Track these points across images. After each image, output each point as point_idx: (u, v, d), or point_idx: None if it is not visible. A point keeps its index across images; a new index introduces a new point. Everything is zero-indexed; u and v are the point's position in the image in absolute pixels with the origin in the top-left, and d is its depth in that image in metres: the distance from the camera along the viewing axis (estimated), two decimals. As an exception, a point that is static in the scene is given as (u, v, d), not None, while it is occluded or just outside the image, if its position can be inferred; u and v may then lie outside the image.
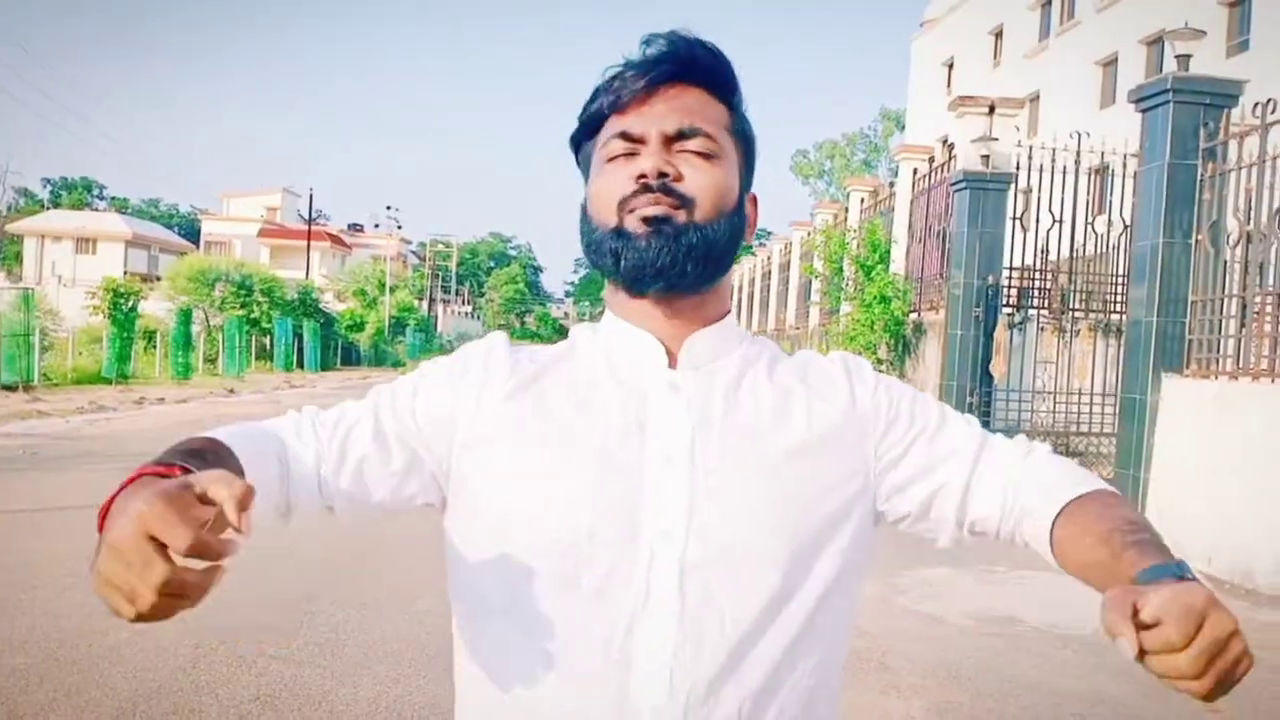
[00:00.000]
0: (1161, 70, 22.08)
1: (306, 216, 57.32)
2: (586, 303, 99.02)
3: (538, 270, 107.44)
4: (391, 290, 51.33)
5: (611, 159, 1.04)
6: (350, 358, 44.53)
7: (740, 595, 0.97)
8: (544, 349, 1.12)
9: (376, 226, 66.20)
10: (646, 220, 1.00)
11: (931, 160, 14.47)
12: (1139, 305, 7.96)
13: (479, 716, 1.05)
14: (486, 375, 1.06)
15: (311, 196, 56.25)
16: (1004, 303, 11.69)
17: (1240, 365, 7.27)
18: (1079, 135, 11.78)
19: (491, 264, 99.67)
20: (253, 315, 35.82)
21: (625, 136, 1.04)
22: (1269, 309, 7.14)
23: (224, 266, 38.51)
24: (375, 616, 5.09)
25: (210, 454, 0.96)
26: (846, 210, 19.39)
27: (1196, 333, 7.62)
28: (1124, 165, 11.68)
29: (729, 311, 1.10)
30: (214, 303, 35.76)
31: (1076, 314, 11.83)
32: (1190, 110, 7.71)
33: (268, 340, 36.27)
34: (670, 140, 1.03)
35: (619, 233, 1.02)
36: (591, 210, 1.06)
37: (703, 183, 1.02)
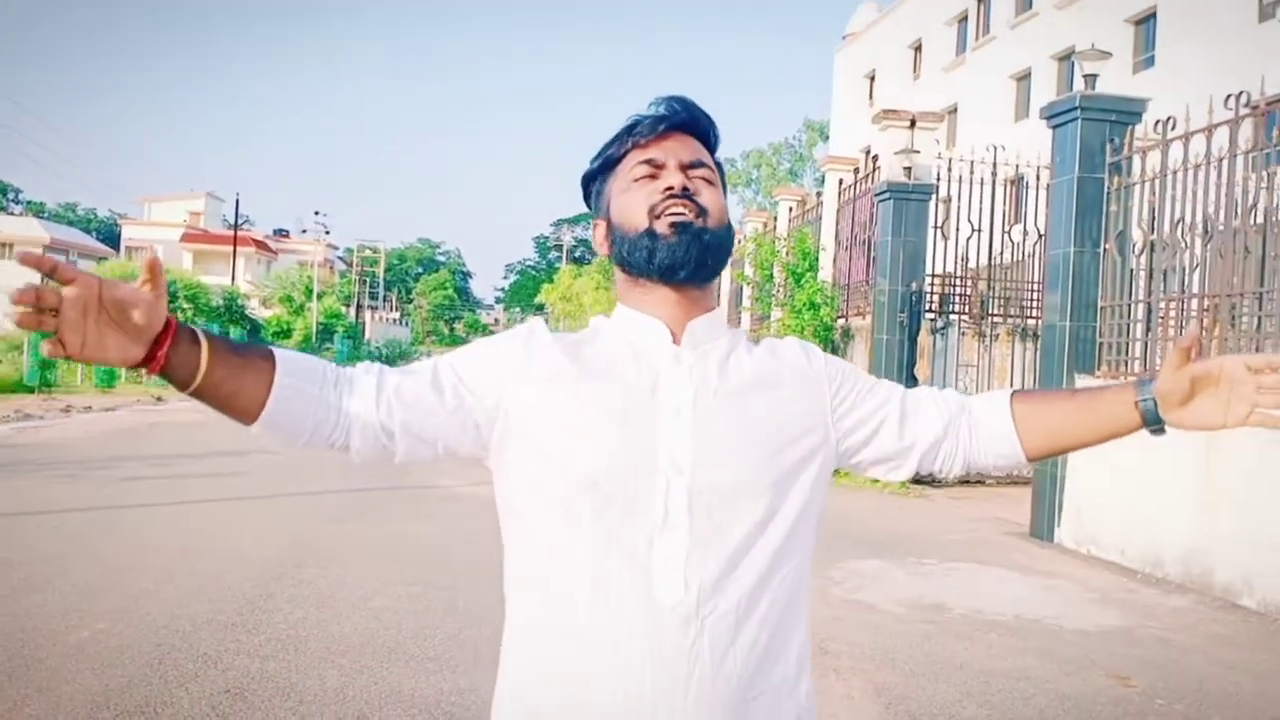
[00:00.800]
0: (1072, 85, 22.94)
1: (232, 221, 56.38)
2: (517, 309, 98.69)
3: (467, 276, 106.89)
4: (319, 297, 50.73)
5: (637, 180, 1.36)
6: (276, 366, 43.90)
7: (735, 514, 1.27)
8: (571, 334, 1.40)
9: (304, 232, 65.32)
10: (674, 225, 1.31)
11: (856, 171, 14.94)
12: (1053, 310, 8.41)
13: (530, 626, 1.31)
14: (529, 348, 1.34)
15: (238, 201, 55.33)
16: (927, 308, 12.15)
17: (1147, 366, 7.74)
18: (995, 148, 12.31)
19: (420, 270, 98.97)
20: (176, 323, 35.15)
21: (649, 163, 1.35)
22: (1172, 313, 7.62)
23: (145, 273, 37.69)
24: (333, 614, 5.24)
25: (245, 347, 1.23)
26: (775, 219, 19.83)
27: (1106, 336, 8.09)
28: (1037, 177, 12.24)
29: (717, 305, 1.41)
30: (135, 310, 35.00)
31: (995, 319, 12.34)
32: (1097, 126, 8.19)
33: (191, 349, 35.62)
34: (684, 168, 1.35)
35: (650, 234, 1.32)
36: (621, 220, 1.36)
37: (711, 199, 1.35)
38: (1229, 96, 6.86)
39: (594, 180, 1.44)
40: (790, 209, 18.98)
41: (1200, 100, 7.52)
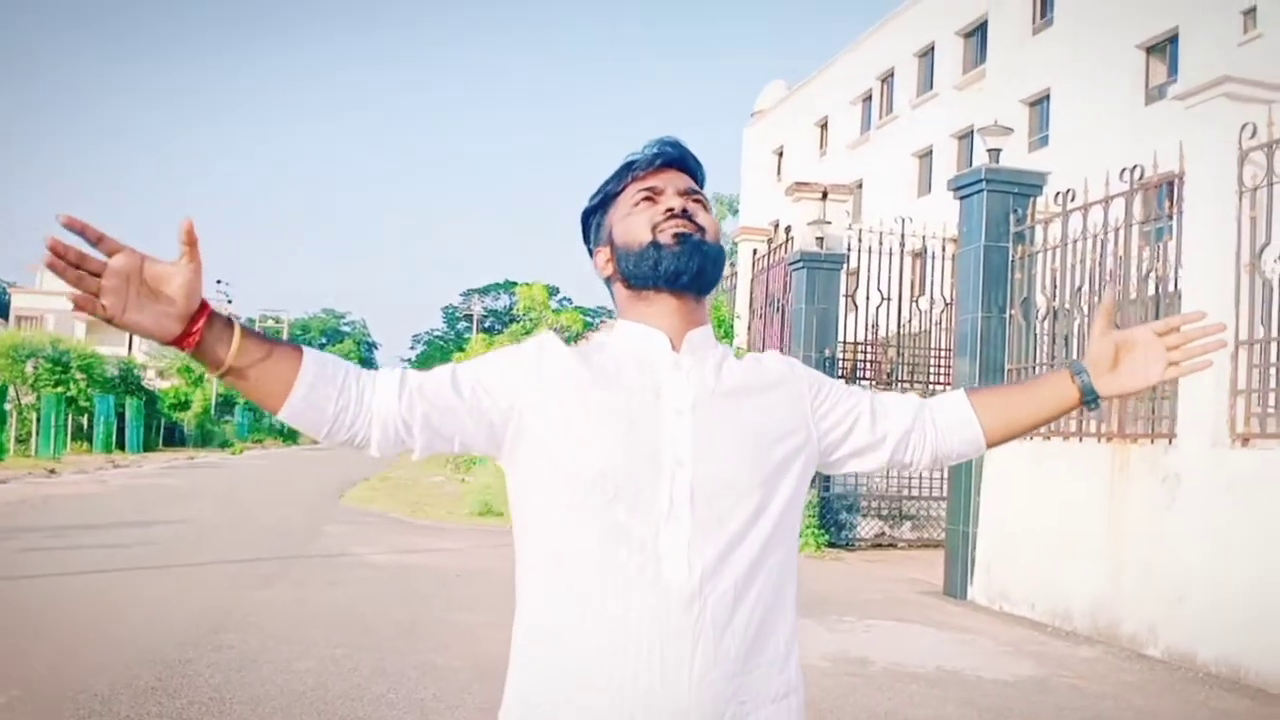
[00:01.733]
0: (971, 161, 23.96)
1: (130, 290, 54.76)
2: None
3: (372, 347, 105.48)
4: (220, 367, 49.50)
5: (638, 204, 1.49)
6: (174, 438, 42.65)
7: (732, 505, 1.38)
8: (579, 346, 1.50)
9: (205, 301, 63.79)
10: (676, 236, 1.44)
11: (770, 241, 15.32)
12: (963, 374, 8.72)
13: (541, 618, 1.39)
14: (541, 356, 1.44)
15: (135, 269, 53.88)
16: (839, 375, 12.44)
17: (1051, 427, 8.06)
18: (902, 220, 12.77)
19: (324, 340, 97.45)
20: (70, 393, 33.99)
21: (649, 189, 1.49)
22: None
23: (38, 342, 36.47)
24: (256, 677, 5.11)
25: (273, 339, 1.33)
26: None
27: (1013, 398, 8.40)
28: (942, 248, 12.72)
29: (709, 320, 1.53)
30: (26, 380, 33.77)
31: (904, 385, 12.69)
32: (1001, 198, 8.60)
33: (85, 419, 34.46)
34: (681, 194, 1.49)
35: (655, 245, 1.44)
36: (624, 239, 1.48)
37: (707, 220, 1.49)
38: (1124, 170, 7.29)
39: (593, 215, 1.56)
40: (703, 278, 19.30)
41: (1092, 176, 7.96)
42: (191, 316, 1.23)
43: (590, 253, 1.58)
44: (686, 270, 1.43)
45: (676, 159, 1.52)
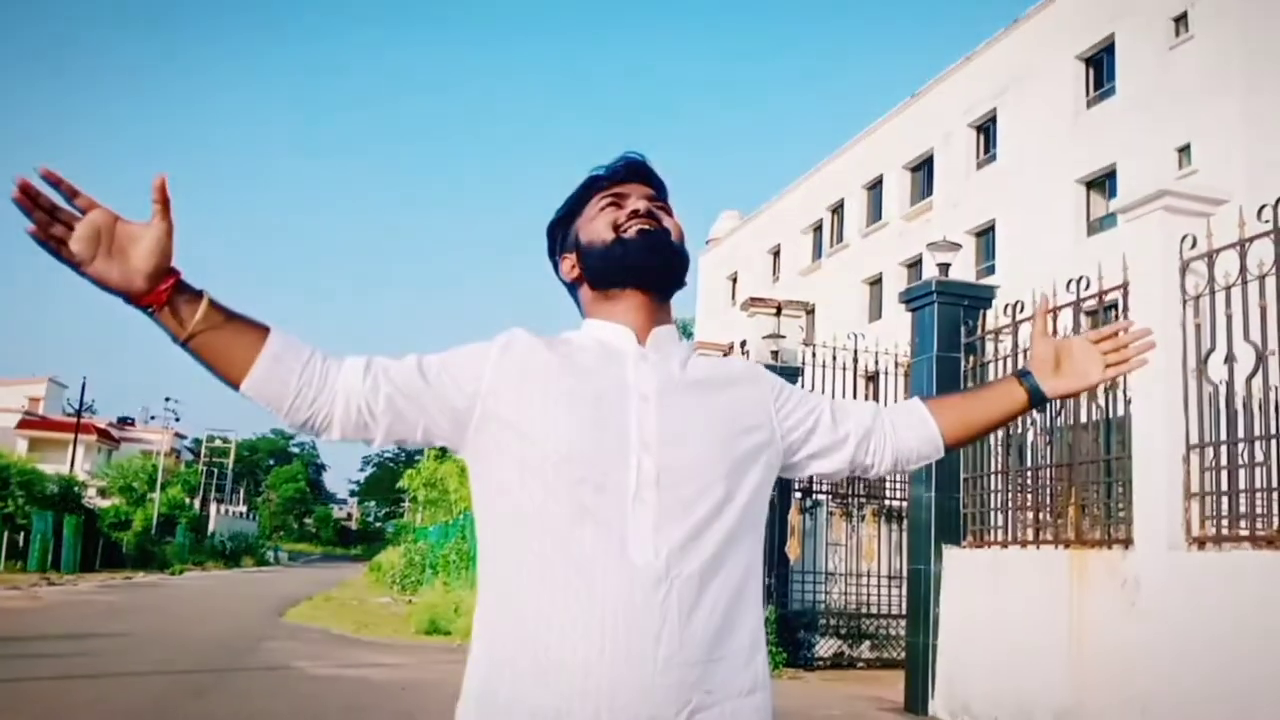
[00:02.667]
0: (921, 288, 24.44)
1: (76, 407, 53.95)
2: (372, 502, 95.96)
3: (321, 469, 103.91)
4: (163, 487, 48.46)
5: (603, 209, 1.50)
6: (113, 557, 41.27)
7: (697, 492, 1.38)
8: (545, 339, 1.49)
9: (152, 418, 63.03)
10: (641, 232, 1.46)
11: (725, 354, 15.43)
12: (919, 483, 8.73)
13: (502, 594, 1.36)
14: (509, 344, 1.44)
15: (84, 386, 53.22)
16: (795, 487, 12.41)
17: (1009, 535, 8.06)
18: (855, 335, 12.97)
19: (271, 461, 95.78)
20: (7, 509, 32.98)
21: (615, 194, 1.51)
22: (1028, 484, 8.01)
23: (-24, 457, 35.53)
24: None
25: (251, 328, 1.30)
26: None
27: (970, 506, 8.42)
28: (895, 365, 12.90)
29: (673, 322, 1.55)
30: (-38, 496, 32.77)
31: (861, 499, 12.68)
32: (952, 310, 8.77)
33: (20, 537, 33.33)
34: (646, 199, 1.50)
35: (620, 241, 1.46)
36: (590, 240, 1.49)
37: (672, 223, 1.51)
38: (1070, 281, 7.48)
39: (558, 227, 1.57)
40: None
41: (1040, 292, 8.15)
42: (160, 277, 1.22)
43: (555, 265, 1.58)
44: (651, 264, 1.46)
45: (640, 171, 1.55)
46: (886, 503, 12.73)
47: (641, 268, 1.45)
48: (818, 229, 33.42)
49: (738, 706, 1.37)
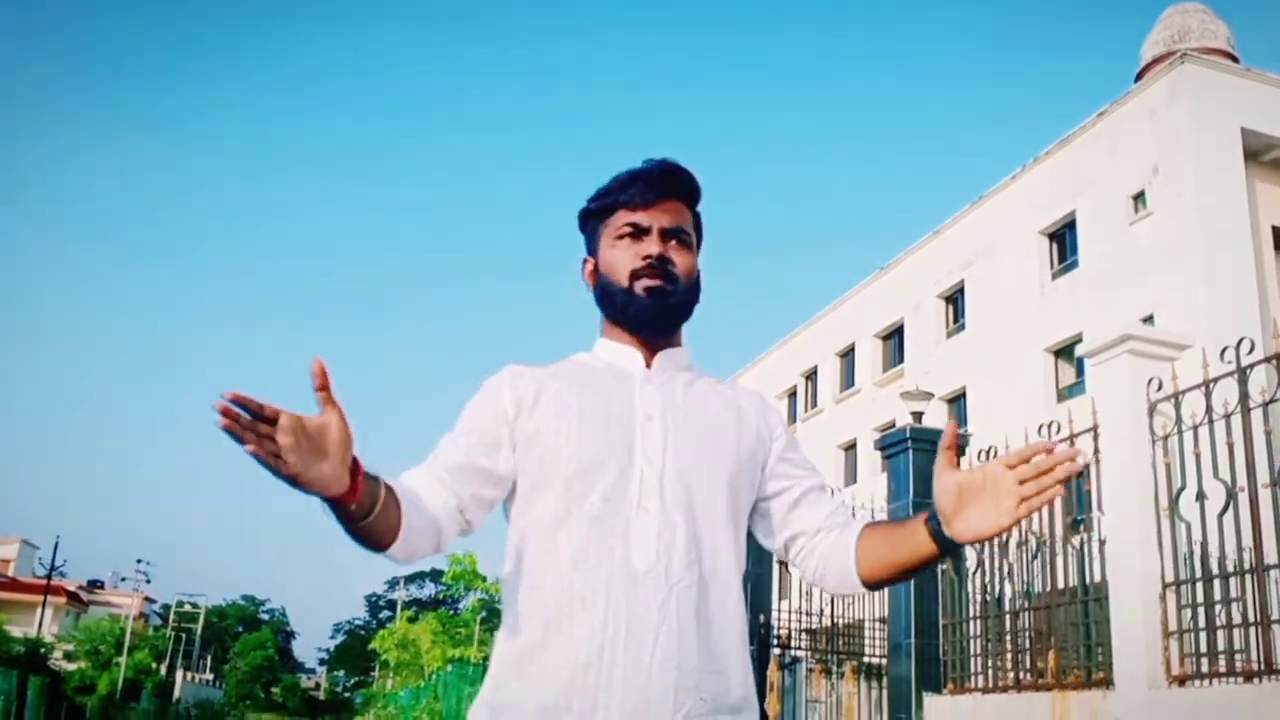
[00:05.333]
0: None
1: (48, 568, 52.67)
2: (341, 671, 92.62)
3: (290, 636, 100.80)
4: (130, 650, 46.92)
5: (620, 238, 1.61)
6: (76, 721, 39.53)
7: (697, 504, 1.49)
8: (548, 366, 1.62)
9: (124, 580, 61.54)
10: (649, 290, 1.57)
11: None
12: (898, 629, 8.67)
13: (530, 592, 1.45)
14: (515, 378, 1.56)
15: (56, 547, 52.07)
16: (776, 642, 12.22)
17: (990, 681, 7.96)
18: (830, 489, 13.03)
19: (240, 628, 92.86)
20: (-31, 670, 31.74)
21: (634, 226, 1.60)
22: (1007, 629, 7.97)
23: (-60, 618, 34.45)
24: None
25: (388, 489, 1.40)
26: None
27: (949, 653, 8.34)
28: (871, 517, 12.93)
29: (683, 342, 1.67)
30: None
31: (840, 655, 12.49)
32: (927, 456, 8.89)
33: (-20, 698, 31.95)
34: (664, 235, 1.61)
35: (629, 292, 1.58)
36: (606, 271, 1.62)
37: (683, 264, 1.61)
38: (1041, 426, 7.65)
39: (587, 221, 1.68)
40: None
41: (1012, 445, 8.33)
42: (350, 467, 1.27)
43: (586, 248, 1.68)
44: (653, 323, 1.60)
45: (669, 189, 1.62)
46: (865, 659, 12.53)
47: (644, 322, 1.59)
48: (792, 395, 33.89)
49: None
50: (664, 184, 1.61)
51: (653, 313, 1.57)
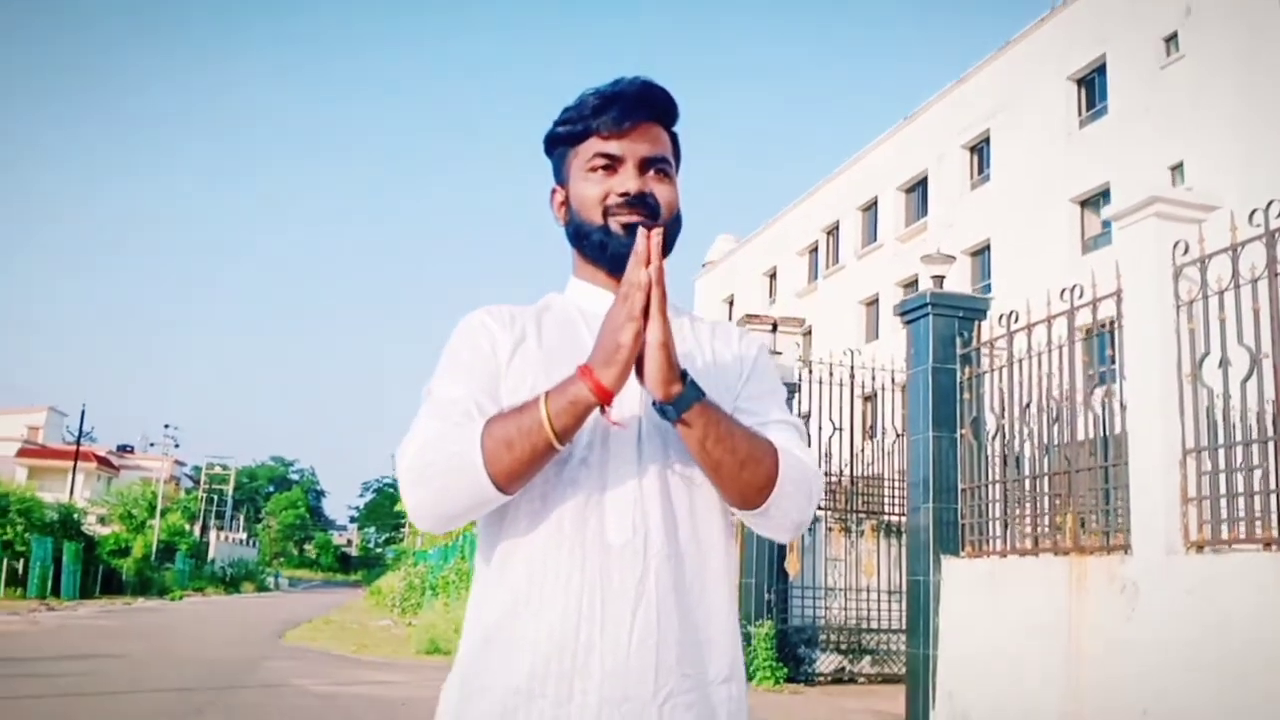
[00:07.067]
0: (917, 307, 24.56)
1: (76, 434, 53.88)
2: (372, 528, 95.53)
3: (320, 495, 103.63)
4: (163, 514, 48.34)
5: (593, 169, 1.45)
6: (112, 583, 41.11)
7: (678, 456, 1.38)
8: (523, 307, 1.49)
9: (152, 445, 62.93)
10: (626, 226, 1.42)
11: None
12: (917, 494, 8.74)
13: (500, 564, 1.38)
14: (501, 329, 1.44)
15: (83, 414, 53.15)
16: (795, 503, 12.41)
17: (1007, 544, 8.07)
18: (851, 352, 13.02)
19: (271, 488, 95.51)
20: (7, 536, 32.91)
21: (609, 156, 1.44)
22: (1026, 493, 8.03)
23: (-25, 484, 35.49)
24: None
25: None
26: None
27: (968, 517, 8.43)
28: (891, 381, 12.94)
29: None
30: (-39, 523, 32.70)
31: (860, 514, 12.69)
32: (947, 321, 8.80)
33: (20, 564, 33.23)
34: (642, 164, 1.45)
35: (605, 230, 1.43)
36: (578, 206, 1.46)
37: (664, 196, 1.46)
38: (1064, 290, 7.53)
39: (554, 146, 1.51)
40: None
41: (1035, 305, 8.21)
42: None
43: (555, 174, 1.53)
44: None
45: (645, 113, 1.45)
46: (885, 517, 12.74)
47: (620, 261, 1.34)
48: (814, 251, 33.57)
49: (713, 694, 1.36)
50: (640, 108, 1.44)
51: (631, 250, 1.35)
